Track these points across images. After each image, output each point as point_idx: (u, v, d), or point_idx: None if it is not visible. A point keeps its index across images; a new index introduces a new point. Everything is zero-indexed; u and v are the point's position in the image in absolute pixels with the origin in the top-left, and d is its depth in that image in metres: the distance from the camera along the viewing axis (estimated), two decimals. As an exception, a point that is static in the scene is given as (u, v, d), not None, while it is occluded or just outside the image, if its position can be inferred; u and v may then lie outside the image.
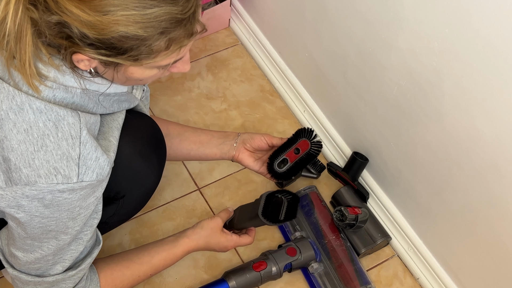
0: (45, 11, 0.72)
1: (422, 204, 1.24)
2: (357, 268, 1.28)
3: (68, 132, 0.81)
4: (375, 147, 1.31)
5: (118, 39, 0.74)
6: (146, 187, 1.05)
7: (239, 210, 1.25)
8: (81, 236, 0.92)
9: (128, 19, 0.72)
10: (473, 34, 0.90)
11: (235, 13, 1.68)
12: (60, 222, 0.86)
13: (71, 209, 0.85)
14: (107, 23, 0.72)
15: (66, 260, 0.93)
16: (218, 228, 1.16)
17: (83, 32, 0.73)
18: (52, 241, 0.88)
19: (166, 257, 1.11)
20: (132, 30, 0.73)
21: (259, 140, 1.22)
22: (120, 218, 1.08)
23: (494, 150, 0.97)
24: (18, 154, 0.79)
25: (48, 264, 0.92)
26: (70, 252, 0.92)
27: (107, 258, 1.08)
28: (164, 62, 0.81)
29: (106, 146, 0.89)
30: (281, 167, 1.22)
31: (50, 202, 0.82)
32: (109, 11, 0.72)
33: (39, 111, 0.80)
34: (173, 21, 0.75)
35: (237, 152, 1.23)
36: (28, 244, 0.88)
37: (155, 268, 1.11)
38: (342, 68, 1.30)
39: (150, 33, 0.74)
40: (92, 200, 0.87)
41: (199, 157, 1.24)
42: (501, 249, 1.07)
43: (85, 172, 0.82)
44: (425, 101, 1.08)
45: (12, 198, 0.81)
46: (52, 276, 0.93)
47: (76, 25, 0.72)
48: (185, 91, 1.58)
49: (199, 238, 1.14)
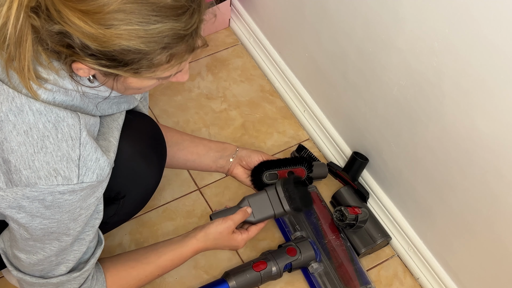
0: (47, 19, 0.72)
1: (422, 204, 1.24)
2: (357, 268, 1.28)
3: (68, 133, 0.81)
4: (375, 147, 1.31)
5: (120, 52, 0.74)
6: (147, 187, 1.05)
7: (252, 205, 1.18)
8: (84, 236, 0.92)
9: (131, 34, 0.72)
10: (473, 34, 0.90)
11: (235, 13, 1.68)
12: (61, 223, 0.85)
13: (72, 210, 0.85)
14: (110, 36, 0.72)
15: (69, 260, 0.93)
16: (228, 232, 1.13)
17: (85, 43, 0.72)
18: (54, 243, 0.88)
19: (174, 257, 1.10)
20: (134, 44, 0.73)
21: (257, 159, 1.24)
22: (120, 218, 1.08)
23: (494, 150, 0.97)
24: (18, 155, 0.79)
25: (52, 265, 0.92)
26: (73, 252, 0.92)
27: (113, 258, 1.08)
28: (164, 75, 0.81)
29: (106, 147, 0.89)
30: (268, 180, 1.23)
31: (51, 203, 0.82)
32: (112, 25, 0.71)
33: (39, 112, 0.79)
34: (175, 36, 0.75)
35: (232, 167, 1.25)
36: (31, 246, 0.88)
37: (162, 269, 1.10)
38: (342, 68, 1.30)
39: (152, 47, 0.74)
40: (93, 200, 0.87)
41: (194, 168, 1.26)
42: (501, 249, 1.07)
43: (85, 173, 0.82)
44: (425, 101, 1.08)
45: (13, 199, 0.81)
46: (56, 277, 0.93)
47: (77, 36, 0.72)
48: (185, 91, 1.58)
49: (207, 240, 1.12)
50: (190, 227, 1.34)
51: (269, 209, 1.18)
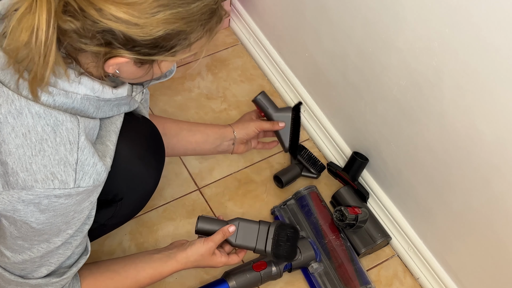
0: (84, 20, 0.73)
1: (422, 204, 1.24)
2: (357, 268, 1.28)
3: (66, 137, 0.81)
4: (375, 147, 1.31)
5: (164, 38, 0.77)
6: (145, 190, 1.05)
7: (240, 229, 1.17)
8: (71, 240, 0.91)
9: (176, 17, 0.76)
10: (473, 34, 0.90)
11: (235, 13, 1.68)
12: (54, 226, 0.85)
13: (66, 214, 0.84)
14: (156, 24, 0.75)
15: (52, 263, 0.91)
16: (208, 254, 1.12)
17: (129, 35, 0.75)
18: (43, 244, 0.88)
19: (152, 275, 1.09)
20: (177, 26, 0.76)
21: (253, 132, 1.29)
22: (118, 220, 1.08)
23: (494, 150, 0.97)
24: (16, 158, 0.79)
25: (34, 266, 0.91)
26: (58, 255, 0.91)
27: (92, 266, 1.05)
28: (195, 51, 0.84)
29: (103, 151, 0.88)
30: None
31: (46, 207, 0.82)
32: (159, 11, 0.74)
33: (38, 115, 0.79)
34: (209, 12, 0.79)
35: (235, 149, 1.31)
36: (18, 245, 0.88)
37: (140, 284, 1.09)
38: (342, 68, 1.30)
39: (192, 27, 0.78)
40: (87, 204, 0.87)
41: (195, 154, 1.32)
42: (501, 249, 1.07)
43: (82, 177, 0.82)
44: (425, 101, 1.08)
45: (8, 202, 0.81)
46: (35, 279, 0.92)
47: (121, 30, 0.74)
48: (185, 91, 1.58)
49: (187, 262, 1.12)
50: (190, 227, 1.35)
51: (252, 241, 1.17)
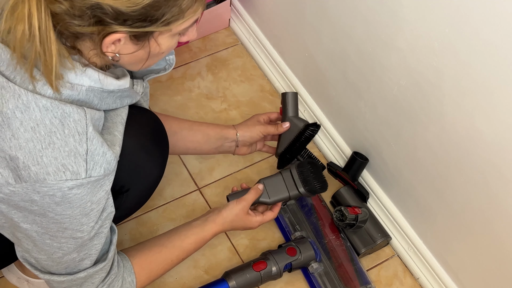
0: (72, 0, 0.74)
1: (422, 204, 1.24)
2: (357, 268, 1.28)
3: (74, 128, 0.82)
4: (375, 147, 1.31)
5: (152, 5, 0.77)
6: (150, 181, 1.06)
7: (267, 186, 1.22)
8: (102, 230, 0.93)
9: None
10: (473, 34, 0.90)
11: (235, 13, 1.68)
12: (74, 219, 0.86)
13: (83, 205, 0.86)
14: None
15: (92, 254, 0.94)
16: (243, 213, 1.17)
17: (117, 7, 0.75)
18: (70, 241, 0.89)
19: (196, 240, 1.14)
20: None
21: (258, 136, 1.28)
22: (122, 213, 1.08)
23: (494, 150, 0.97)
24: (26, 152, 0.80)
25: (75, 262, 0.93)
26: (95, 246, 0.93)
27: (138, 246, 1.10)
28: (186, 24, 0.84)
29: (112, 141, 0.90)
30: None
31: (61, 199, 0.83)
32: None
33: (45, 108, 0.80)
34: None
35: (238, 150, 1.30)
36: (48, 245, 0.89)
37: (187, 252, 1.13)
38: (342, 68, 1.30)
39: None
40: (102, 194, 0.88)
41: (196, 153, 1.32)
42: (501, 249, 1.07)
43: (93, 167, 0.83)
44: (425, 101, 1.08)
45: (24, 193, 0.82)
46: (83, 271, 0.95)
47: (108, 3, 0.75)
48: (185, 91, 1.58)
49: (224, 223, 1.16)
50: (190, 227, 1.35)
51: (284, 191, 1.21)
